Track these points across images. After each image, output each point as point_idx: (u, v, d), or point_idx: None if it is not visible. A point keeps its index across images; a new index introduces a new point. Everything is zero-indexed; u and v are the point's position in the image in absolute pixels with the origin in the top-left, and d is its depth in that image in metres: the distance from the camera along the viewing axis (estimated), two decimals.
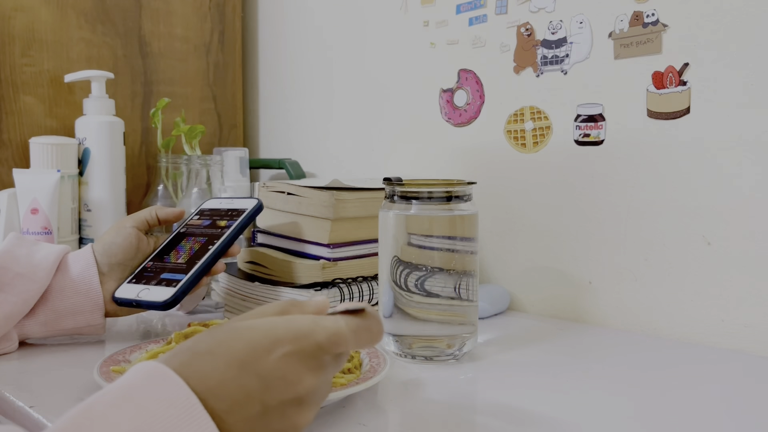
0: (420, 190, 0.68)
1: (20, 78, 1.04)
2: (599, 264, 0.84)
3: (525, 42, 0.89)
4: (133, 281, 0.71)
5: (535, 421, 0.53)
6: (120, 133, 1.06)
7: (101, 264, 0.71)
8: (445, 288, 0.68)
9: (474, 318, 0.70)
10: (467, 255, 0.69)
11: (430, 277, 0.67)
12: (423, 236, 0.68)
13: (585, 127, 0.84)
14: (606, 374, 0.65)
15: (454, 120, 0.99)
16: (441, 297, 0.68)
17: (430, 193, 0.67)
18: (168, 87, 1.21)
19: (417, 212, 0.68)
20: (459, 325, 0.68)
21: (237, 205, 0.78)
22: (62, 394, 0.56)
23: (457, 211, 0.68)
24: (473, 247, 0.70)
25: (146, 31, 1.18)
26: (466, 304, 0.69)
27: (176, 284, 0.69)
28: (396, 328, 0.68)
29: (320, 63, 1.21)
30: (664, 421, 0.53)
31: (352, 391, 0.52)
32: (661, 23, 0.77)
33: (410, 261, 0.68)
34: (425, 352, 0.68)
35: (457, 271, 0.68)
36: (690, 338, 0.77)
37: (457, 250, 0.68)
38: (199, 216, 0.79)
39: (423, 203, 0.67)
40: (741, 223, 0.73)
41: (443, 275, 0.68)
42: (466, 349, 0.69)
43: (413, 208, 0.68)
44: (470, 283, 0.69)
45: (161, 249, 0.75)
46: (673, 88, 0.77)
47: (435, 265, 0.67)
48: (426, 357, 0.67)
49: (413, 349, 0.68)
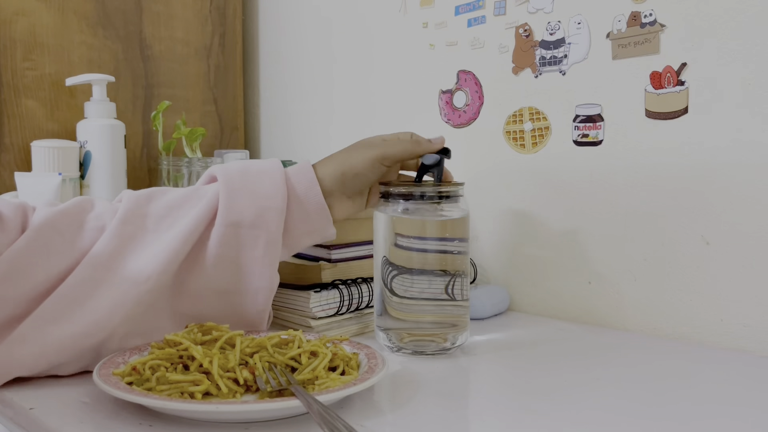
0: (410, 191, 0.68)
1: (22, 82, 1.05)
2: (599, 264, 0.84)
3: (523, 43, 0.90)
4: None
5: (535, 421, 0.53)
6: (121, 136, 1.06)
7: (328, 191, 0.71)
8: (429, 290, 0.68)
9: (465, 317, 0.70)
10: (457, 256, 0.69)
11: (414, 279, 0.68)
12: (413, 237, 0.68)
13: (584, 128, 0.84)
14: (606, 374, 0.65)
15: (454, 121, 0.99)
16: (426, 300, 0.68)
17: (422, 194, 0.68)
18: (169, 90, 1.22)
19: (405, 213, 0.68)
20: (451, 326, 0.69)
21: None
22: (62, 395, 0.56)
23: (446, 211, 0.68)
24: (463, 248, 0.70)
25: (147, 35, 1.18)
26: (455, 304, 0.69)
27: None
28: (385, 323, 0.70)
29: (320, 65, 1.21)
30: (664, 420, 0.53)
31: (350, 392, 0.52)
32: (658, 23, 0.77)
33: (395, 262, 0.68)
34: (415, 347, 0.69)
35: (448, 272, 0.68)
36: (689, 338, 0.77)
37: (446, 251, 0.68)
38: None
39: (414, 203, 0.68)
40: (740, 222, 0.73)
41: (428, 277, 0.68)
42: (458, 343, 0.69)
43: (401, 208, 0.68)
44: (458, 284, 0.69)
45: None
46: (671, 88, 0.77)
47: (421, 267, 0.68)
48: (415, 351, 0.68)
49: (404, 342, 0.69)
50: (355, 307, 0.77)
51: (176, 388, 0.53)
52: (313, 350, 0.59)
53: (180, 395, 0.52)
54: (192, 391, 0.52)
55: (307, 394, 0.49)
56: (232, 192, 0.67)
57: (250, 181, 0.68)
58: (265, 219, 0.67)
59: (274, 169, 0.70)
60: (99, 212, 0.66)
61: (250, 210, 0.67)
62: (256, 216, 0.67)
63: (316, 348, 0.59)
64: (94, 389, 0.56)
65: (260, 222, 0.67)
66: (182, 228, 0.65)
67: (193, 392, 0.52)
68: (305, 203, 0.69)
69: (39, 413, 0.53)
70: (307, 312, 0.74)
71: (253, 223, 0.67)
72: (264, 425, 0.50)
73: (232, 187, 0.67)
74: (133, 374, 0.55)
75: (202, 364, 0.55)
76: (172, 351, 0.57)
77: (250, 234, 0.67)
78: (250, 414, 0.50)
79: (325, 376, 0.56)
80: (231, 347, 0.59)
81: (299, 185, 0.69)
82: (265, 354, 0.58)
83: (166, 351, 0.57)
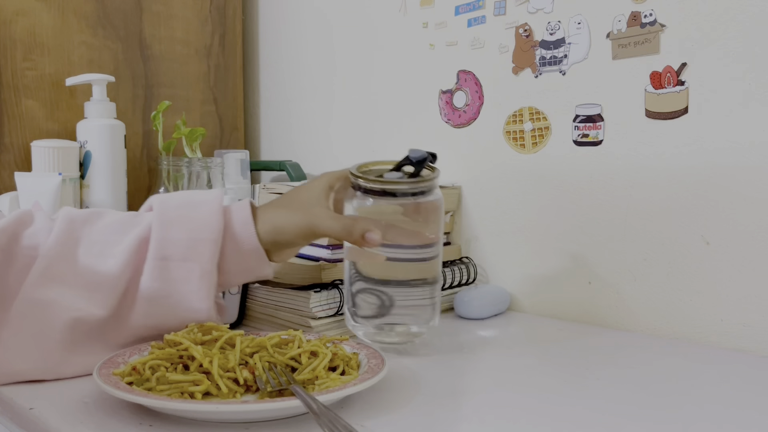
0: (383, 188, 0.65)
1: (22, 82, 1.05)
2: (599, 264, 0.84)
3: (523, 43, 0.90)
4: None
5: (535, 421, 0.53)
6: (121, 136, 1.06)
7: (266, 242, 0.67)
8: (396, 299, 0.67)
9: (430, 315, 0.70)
10: (424, 263, 0.68)
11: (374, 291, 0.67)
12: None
13: (584, 128, 0.84)
14: (605, 374, 0.65)
15: (454, 121, 0.99)
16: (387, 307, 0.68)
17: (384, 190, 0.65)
18: (169, 90, 1.21)
19: (373, 207, 0.65)
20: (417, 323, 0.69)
21: None
22: (62, 395, 0.56)
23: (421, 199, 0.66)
24: (431, 253, 0.68)
25: (147, 35, 1.18)
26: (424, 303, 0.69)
27: None
28: None
29: (320, 65, 1.21)
30: (663, 421, 0.53)
31: (350, 392, 0.52)
32: (658, 23, 0.77)
33: (359, 270, 0.68)
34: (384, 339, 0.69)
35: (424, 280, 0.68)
36: (689, 338, 0.77)
37: (416, 259, 0.67)
38: None
39: (385, 199, 0.65)
40: (739, 222, 0.73)
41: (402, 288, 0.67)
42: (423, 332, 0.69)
43: (369, 202, 0.66)
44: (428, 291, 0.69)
45: None
46: (671, 88, 0.77)
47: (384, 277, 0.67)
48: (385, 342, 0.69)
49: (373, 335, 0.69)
50: None
51: (176, 388, 0.53)
52: (313, 350, 0.59)
53: (180, 395, 0.52)
54: (192, 391, 0.52)
55: (307, 394, 0.49)
56: (165, 223, 0.64)
57: (186, 212, 0.65)
58: (198, 250, 0.64)
59: (213, 199, 0.66)
60: (35, 229, 0.64)
61: (183, 242, 0.64)
62: (188, 248, 0.64)
63: (316, 348, 0.59)
64: (94, 389, 0.56)
65: (192, 254, 0.63)
66: (116, 258, 0.63)
67: (193, 392, 0.52)
68: (239, 240, 0.65)
69: (39, 413, 0.53)
70: (307, 312, 0.74)
71: (184, 256, 0.63)
72: (264, 425, 0.50)
73: (166, 218, 0.65)
74: (133, 374, 0.55)
75: (202, 364, 0.55)
76: (172, 351, 0.57)
77: (182, 267, 0.63)
78: (250, 414, 0.50)
79: (325, 376, 0.56)
80: (231, 347, 0.59)
81: (236, 221, 0.66)
82: (265, 354, 0.58)
83: (167, 351, 0.57)
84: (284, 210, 0.67)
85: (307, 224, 0.65)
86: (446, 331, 0.80)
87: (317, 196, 0.67)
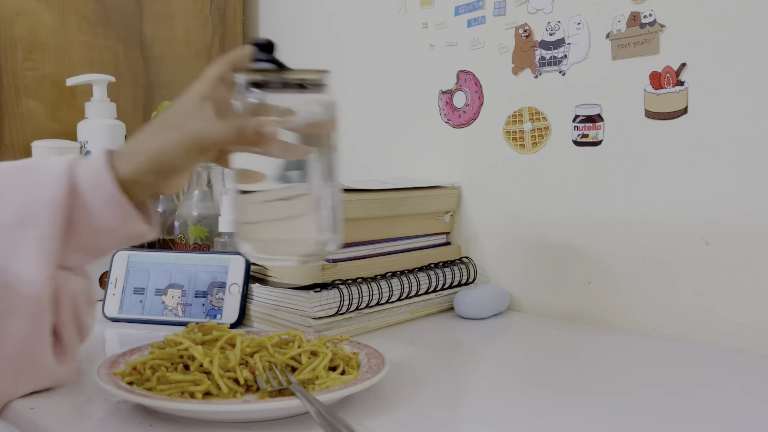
0: (266, 79, 0.59)
1: (22, 82, 1.05)
2: (599, 264, 0.84)
3: (523, 43, 0.90)
4: None
5: (534, 422, 0.53)
6: (121, 137, 1.06)
7: None
8: None
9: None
10: None
11: None
12: None
13: (583, 128, 0.84)
14: (605, 374, 0.65)
15: (454, 121, 0.99)
16: None
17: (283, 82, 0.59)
18: (169, 90, 1.22)
19: None
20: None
21: None
22: (62, 395, 0.57)
23: None
24: None
25: (147, 35, 1.18)
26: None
27: None
28: None
29: (320, 65, 1.21)
30: (663, 420, 0.53)
31: (350, 391, 0.52)
32: (658, 23, 0.77)
33: None
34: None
35: None
36: (689, 338, 0.77)
37: None
38: None
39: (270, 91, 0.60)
40: (739, 222, 0.73)
41: None
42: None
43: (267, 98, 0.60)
44: None
45: None
46: (671, 89, 0.77)
47: None
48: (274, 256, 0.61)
49: None
50: (355, 307, 0.77)
51: (177, 387, 0.53)
52: (313, 350, 0.59)
53: (180, 395, 0.52)
54: (192, 390, 0.53)
55: (307, 394, 0.49)
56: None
57: (26, 175, 0.57)
58: (35, 213, 0.55)
59: (60, 161, 0.58)
60: None
61: (15, 206, 0.56)
62: (22, 213, 0.55)
63: (316, 348, 0.59)
64: (94, 389, 0.57)
65: (28, 219, 0.55)
66: None
67: (194, 392, 0.53)
68: (93, 193, 0.56)
69: (39, 413, 0.53)
70: (307, 312, 0.74)
71: (19, 222, 0.55)
72: (264, 425, 0.50)
73: (1, 183, 0.57)
74: (134, 374, 0.55)
75: (202, 363, 0.55)
76: (173, 351, 0.57)
77: (17, 234, 0.55)
78: (250, 414, 0.50)
79: (325, 376, 0.56)
80: (231, 347, 0.59)
81: (85, 171, 0.56)
82: (266, 354, 0.58)
83: (167, 351, 0.58)
84: (158, 134, 0.58)
85: (191, 138, 0.56)
86: (446, 331, 0.80)
87: (192, 108, 0.58)
